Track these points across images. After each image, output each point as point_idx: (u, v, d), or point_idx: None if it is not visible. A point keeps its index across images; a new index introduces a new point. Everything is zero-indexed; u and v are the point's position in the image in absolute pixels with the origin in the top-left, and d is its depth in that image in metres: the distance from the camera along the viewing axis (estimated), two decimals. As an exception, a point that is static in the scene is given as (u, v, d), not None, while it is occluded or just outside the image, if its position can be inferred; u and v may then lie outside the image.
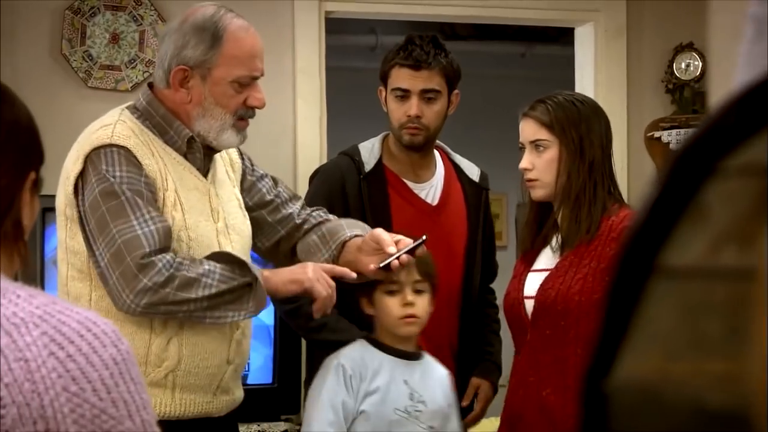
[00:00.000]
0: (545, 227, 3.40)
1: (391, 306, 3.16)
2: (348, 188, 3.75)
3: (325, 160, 4.56)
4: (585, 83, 5.12)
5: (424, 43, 3.70)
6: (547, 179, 3.36)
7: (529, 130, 3.39)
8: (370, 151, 3.79)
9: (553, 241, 3.38)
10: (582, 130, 3.33)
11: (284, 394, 4.20)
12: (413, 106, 3.67)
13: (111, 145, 2.90)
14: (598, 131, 3.36)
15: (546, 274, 3.33)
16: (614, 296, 0.63)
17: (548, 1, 5.01)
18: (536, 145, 3.36)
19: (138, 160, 2.91)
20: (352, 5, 4.82)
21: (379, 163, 3.79)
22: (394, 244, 3.03)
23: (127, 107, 3.08)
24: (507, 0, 4.94)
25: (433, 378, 3.26)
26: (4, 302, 1.65)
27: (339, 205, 3.69)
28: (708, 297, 0.58)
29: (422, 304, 3.17)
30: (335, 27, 5.30)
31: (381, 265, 3.02)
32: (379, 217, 3.63)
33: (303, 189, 4.42)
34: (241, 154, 3.28)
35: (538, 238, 3.40)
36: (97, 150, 2.89)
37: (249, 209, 3.22)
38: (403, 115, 3.69)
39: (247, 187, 3.25)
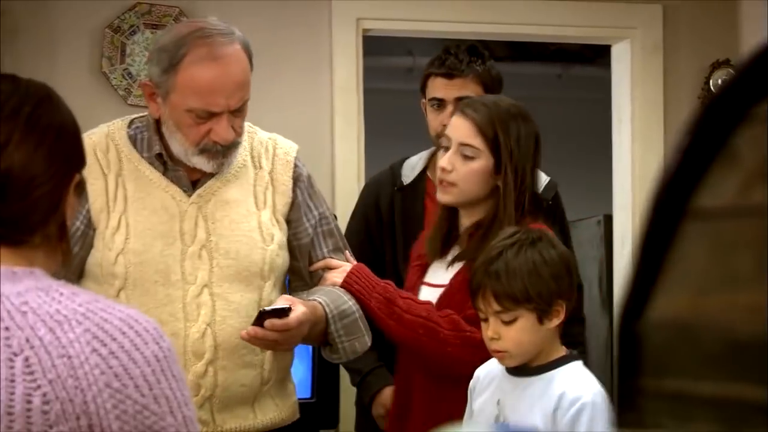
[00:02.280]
0: (452, 235, 3.21)
1: (484, 335, 2.77)
2: (381, 201, 3.82)
3: (363, 178, 4.59)
4: (622, 101, 5.12)
5: (460, 51, 3.72)
6: (466, 188, 3.11)
7: (463, 130, 3.13)
8: (414, 163, 3.83)
9: (450, 254, 3.18)
10: (518, 155, 3.08)
11: (323, 408, 4.20)
12: (448, 115, 3.67)
13: None
14: (533, 156, 3.12)
15: (440, 290, 3.13)
16: (648, 241, 0.64)
17: (585, 19, 5.01)
18: (464, 150, 3.11)
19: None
20: (388, 23, 4.84)
21: (422, 174, 3.81)
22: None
23: (139, 116, 3.01)
24: (544, 17, 4.95)
25: (539, 395, 2.72)
26: (48, 300, 1.68)
27: (373, 219, 3.80)
28: (739, 234, 0.59)
29: (510, 336, 2.71)
30: (373, 48, 5.32)
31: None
32: (410, 229, 3.65)
33: (341, 206, 4.44)
34: (296, 187, 3.00)
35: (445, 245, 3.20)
36: None
37: (292, 250, 3.01)
38: (439, 125, 3.67)
39: (293, 222, 3.01)
